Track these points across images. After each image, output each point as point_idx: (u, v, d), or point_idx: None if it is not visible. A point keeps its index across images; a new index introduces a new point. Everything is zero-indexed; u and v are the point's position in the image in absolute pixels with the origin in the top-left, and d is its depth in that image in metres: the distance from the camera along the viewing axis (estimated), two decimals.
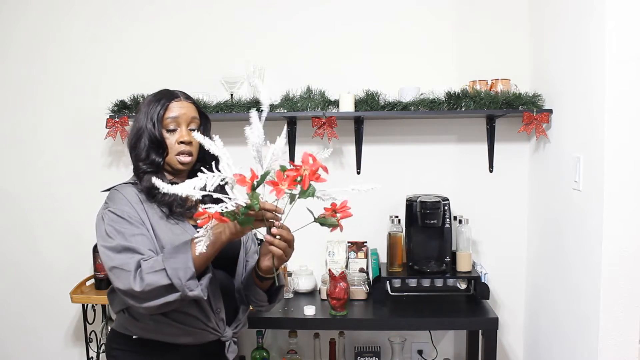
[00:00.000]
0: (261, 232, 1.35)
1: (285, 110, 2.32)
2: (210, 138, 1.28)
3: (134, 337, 1.43)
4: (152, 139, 1.43)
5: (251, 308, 1.58)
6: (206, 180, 1.18)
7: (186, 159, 1.46)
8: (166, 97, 1.47)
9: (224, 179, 1.20)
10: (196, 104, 1.52)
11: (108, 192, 1.46)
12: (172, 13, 2.52)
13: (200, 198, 1.20)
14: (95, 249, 2.36)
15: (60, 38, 2.56)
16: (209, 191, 1.19)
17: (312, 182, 1.20)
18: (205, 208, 1.17)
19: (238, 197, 1.19)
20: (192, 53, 2.51)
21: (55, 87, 2.57)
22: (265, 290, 1.49)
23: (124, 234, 1.34)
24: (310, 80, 2.39)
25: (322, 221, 1.27)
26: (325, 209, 1.26)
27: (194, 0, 2.51)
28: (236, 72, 2.42)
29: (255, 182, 1.18)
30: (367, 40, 2.46)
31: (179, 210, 1.43)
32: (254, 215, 1.21)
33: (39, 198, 2.62)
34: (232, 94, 2.40)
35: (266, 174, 1.20)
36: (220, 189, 1.20)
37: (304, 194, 1.20)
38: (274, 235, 1.27)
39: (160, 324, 1.39)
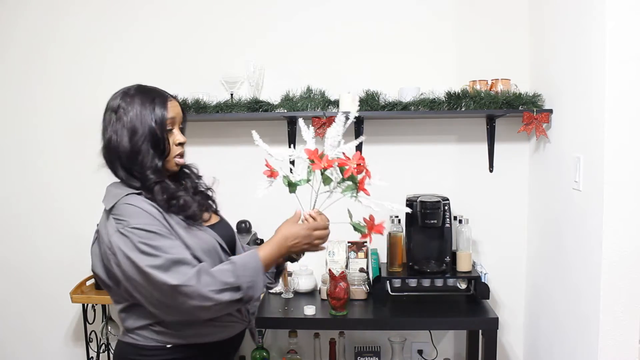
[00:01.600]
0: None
1: (285, 110, 2.32)
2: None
3: (168, 346, 1.36)
4: (156, 142, 1.36)
5: None
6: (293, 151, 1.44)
7: (181, 160, 1.44)
8: (160, 96, 1.40)
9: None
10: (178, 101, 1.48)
11: (112, 206, 1.32)
12: (172, 13, 2.52)
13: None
14: None
15: (60, 38, 2.56)
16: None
17: (352, 180, 1.35)
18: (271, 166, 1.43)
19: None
20: (192, 53, 2.51)
21: (55, 87, 2.57)
22: (276, 267, 1.52)
23: (162, 249, 1.27)
24: (310, 80, 2.39)
25: (355, 224, 1.41)
26: (364, 219, 1.40)
27: (194, 0, 2.51)
28: (236, 72, 2.42)
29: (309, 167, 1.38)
30: (367, 40, 2.46)
31: (198, 214, 1.41)
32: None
33: (39, 198, 2.62)
34: (232, 94, 2.40)
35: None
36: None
37: (341, 182, 1.36)
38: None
39: (198, 326, 1.37)
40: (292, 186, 1.41)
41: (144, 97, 1.39)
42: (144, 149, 1.35)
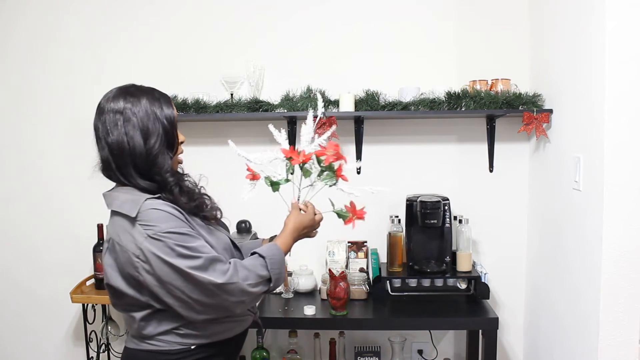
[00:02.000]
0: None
1: (285, 110, 2.32)
2: None
3: (192, 347, 1.36)
4: (170, 142, 1.34)
5: None
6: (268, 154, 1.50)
7: (181, 159, 1.46)
8: (162, 94, 1.38)
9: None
10: None
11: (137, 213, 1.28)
12: (171, 13, 2.52)
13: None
14: (95, 249, 2.36)
15: (60, 38, 2.56)
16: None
17: (330, 168, 1.45)
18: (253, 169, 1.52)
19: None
20: (192, 53, 2.51)
21: (55, 87, 2.57)
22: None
23: (197, 249, 1.28)
24: (310, 80, 2.39)
25: (338, 212, 1.51)
26: (345, 206, 1.50)
27: (193, 0, 2.51)
28: (236, 72, 2.42)
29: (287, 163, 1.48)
30: (367, 40, 2.46)
31: (215, 213, 1.45)
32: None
33: (39, 198, 2.62)
34: (232, 94, 2.40)
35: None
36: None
37: (321, 173, 1.47)
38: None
39: (222, 323, 1.40)
40: (274, 185, 1.49)
41: (149, 96, 1.35)
42: (160, 149, 1.32)
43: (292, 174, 1.48)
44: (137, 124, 1.31)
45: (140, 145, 1.30)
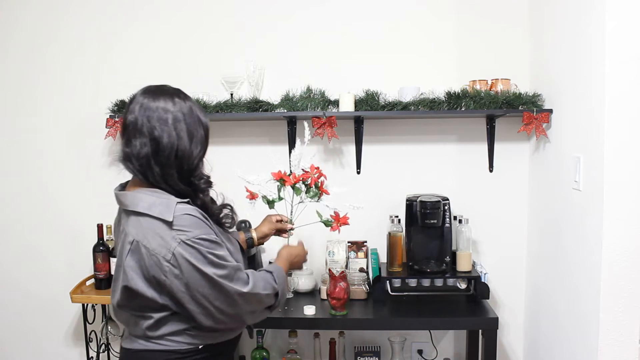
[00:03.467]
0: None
1: (285, 110, 2.32)
2: None
3: (200, 347, 1.38)
4: (205, 148, 1.37)
5: None
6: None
7: None
8: (196, 102, 1.41)
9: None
10: None
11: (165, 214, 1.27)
12: (172, 13, 2.52)
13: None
14: (95, 249, 2.36)
15: (60, 38, 2.56)
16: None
17: (316, 187, 1.73)
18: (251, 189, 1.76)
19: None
20: (192, 53, 2.51)
21: (55, 87, 2.57)
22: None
23: (225, 258, 1.31)
24: (310, 80, 2.39)
25: (324, 221, 1.79)
26: (331, 215, 1.77)
27: (193, 0, 2.51)
28: (236, 72, 2.42)
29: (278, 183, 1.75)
30: (367, 40, 2.46)
31: (234, 224, 1.49)
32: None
33: (39, 198, 2.62)
34: (232, 94, 2.40)
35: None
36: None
37: (309, 192, 1.73)
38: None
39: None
40: (270, 203, 1.77)
41: (192, 100, 1.37)
42: (201, 155, 1.34)
43: (282, 196, 1.77)
44: (186, 126, 1.31)
45: (188, 148, 1.31)
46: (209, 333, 1.38)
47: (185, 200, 1.32)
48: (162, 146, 1.28)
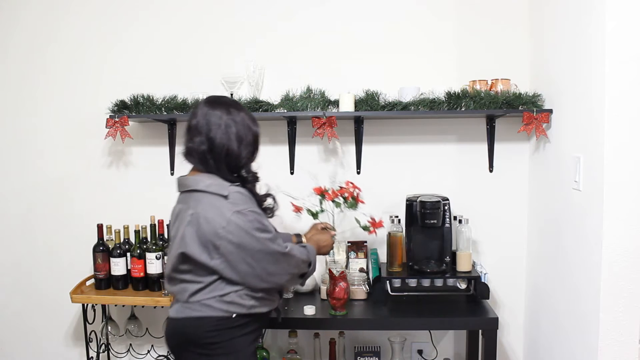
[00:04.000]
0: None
1: (285, 110, 2.32)
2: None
3: (233, 315, 1.61)
4: (253, 152, 1.69)
5: None
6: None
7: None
8: (253, 115, 1.71)
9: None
10: None
11: (214, 193, 1.58)
12: (172, 13, 2.52)
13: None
14: (95, 249, 2.36)
15: (60, 38, 2.56)
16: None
17: (353, 199, 2.07)
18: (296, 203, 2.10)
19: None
20: (192, 53, 2.51)
21: (55, 87, 2.57)
22: None
23: (267, 226, 1.61)
24: (310, 80, 2.39)
25: (363, 226, 2.10)
26: (367, 221, 2.10)
27: (194, 1, 2.51)
28: (236, 72, 2.42)
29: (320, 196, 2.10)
30: (367, 40, 2.46)
31: (273, 209, 1.79)
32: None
33: (39, 198, 2.63)
34: (232, 94, 2.40)
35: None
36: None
37: (347, 203, 2.08)
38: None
39: (261, 299, 1.65)
40: (314, 215, 2.11)
41: (246, 111, 1.69)
42: (247, 155, 1.65)
43: (323, 209, 2.11)
44: (236, 131, 1.62)
45: (236, 149, 1.62)
46: (243, 302, 1.60)
47: (236, 183, 1.63)
48: (215, 145, 1.60)
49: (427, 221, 2.21)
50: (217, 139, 1.60)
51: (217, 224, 1.53)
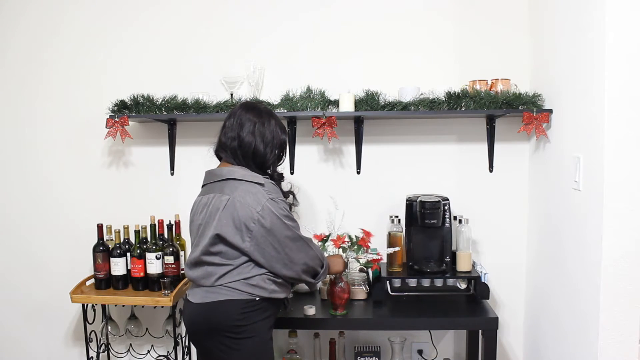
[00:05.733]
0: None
1: (285, 110, 2.32)
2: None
3: (257, 299, 1.73)
4: (279, 155, 1.89)
5: None
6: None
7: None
8: (282, 123, 1.89)
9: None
10: None
11: (255, 184, 1.74)
12: (172, 13, 2.52)
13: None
14: (95, 249, 2.35)
15: (60, 39, 2.56)
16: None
17: (361, 245, 2.17)
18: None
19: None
20: (193, 53, 2.51)
21: (55, 88, 2.57)
22: None
23: (292, 216, 1.80)
24: (310, 80, 2.39)
25: (364, 265, 2.17)
26: (368, 260, 2.15)
27: (194, 1, 2.51)
28: (236, 72, 2.42)
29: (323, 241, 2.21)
30: (367, 40, 2.46)
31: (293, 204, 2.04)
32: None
33: (39, 198, 2.63)
34: (232, 94, 2.40)
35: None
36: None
37: (355, 247, 2.17)
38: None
39: (281, 285, 1.80)
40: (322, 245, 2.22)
41: (277, 118, 1.86)
42: (272, 157, 1.83)
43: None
44: (263, 136, 1.80)
45: (262, 150, 1.80)
46: (266, 287, 1.74)
47: (266, 176, 1.81)
48: (244, 143, 1.79)
49: (427, 221, 2.21)
50: (246, 138, 1.78)
51: (252, 209, 1.68)
